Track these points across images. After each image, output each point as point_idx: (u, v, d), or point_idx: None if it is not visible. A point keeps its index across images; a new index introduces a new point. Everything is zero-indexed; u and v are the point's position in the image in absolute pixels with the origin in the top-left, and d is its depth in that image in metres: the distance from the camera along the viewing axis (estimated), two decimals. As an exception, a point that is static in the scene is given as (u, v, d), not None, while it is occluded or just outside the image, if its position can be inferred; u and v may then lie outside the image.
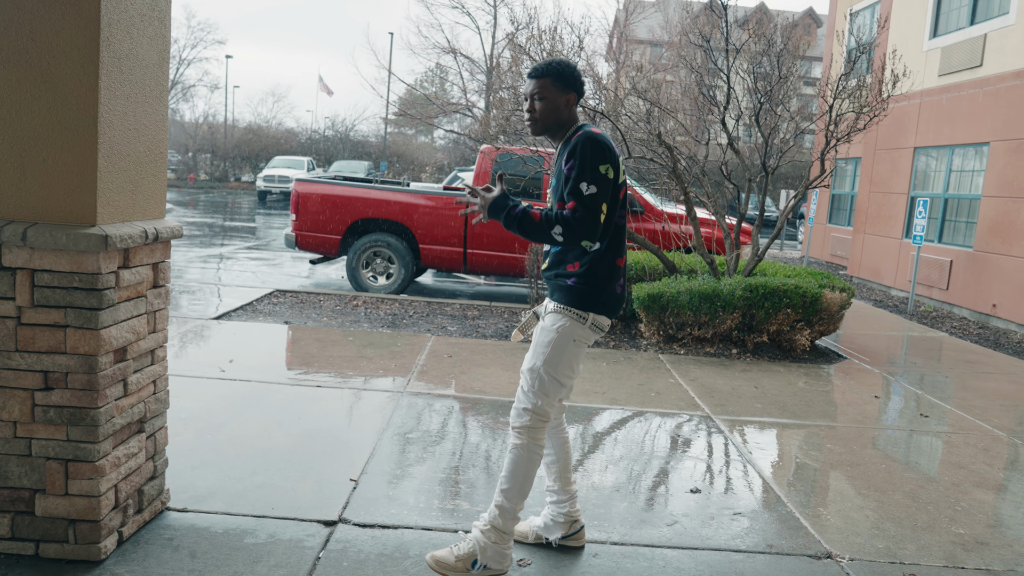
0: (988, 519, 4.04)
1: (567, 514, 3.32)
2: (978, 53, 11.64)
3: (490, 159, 9.72)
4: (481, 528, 3.03)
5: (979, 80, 11.62)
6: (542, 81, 3.03)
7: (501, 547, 3.02)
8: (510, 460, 3.04)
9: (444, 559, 3.02)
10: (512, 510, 3.02)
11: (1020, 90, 10.66)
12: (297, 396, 5.25)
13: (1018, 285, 10.37)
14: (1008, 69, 10.96)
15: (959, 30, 12.34)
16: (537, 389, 3.00)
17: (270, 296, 8.99)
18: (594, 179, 2.87)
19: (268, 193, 31.24)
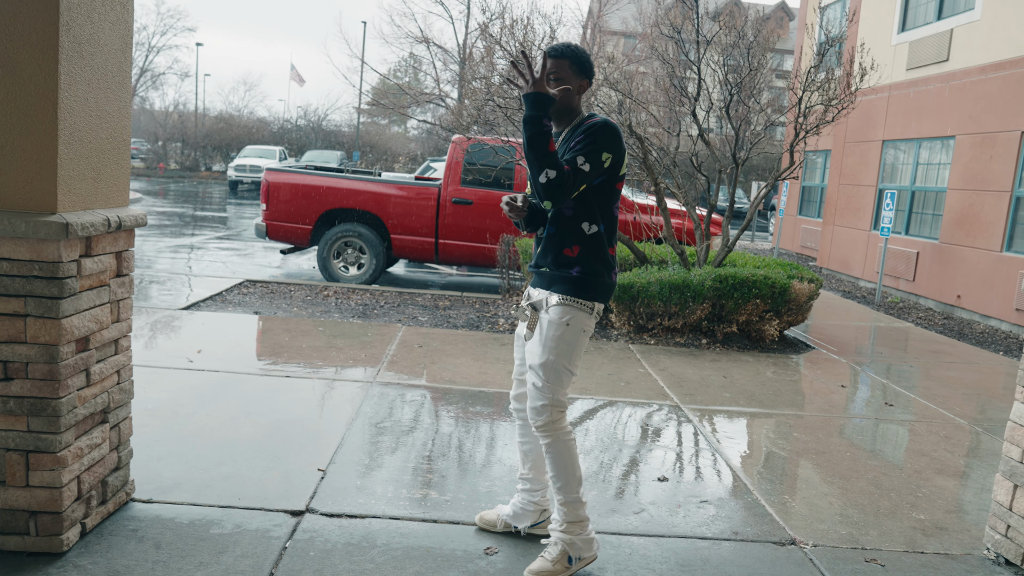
0: (948, 505, 4.11)
1: (537, 503, 3.34)
2: (945, 48, 11.79)
3: (462, 149, 9.70)
4: (560, 529, 3.05)
5: (946, 74, 11.77)
6: (560, 62, 3.00)
7: (585, 535, 3.06)
8: (551, 460, 3.04)
9: (541, 568, 3.02)
10: (576, 500, 3.05)
11: (985, 85, 10.82)
12: (266, 386, 5.22)
13: (981, 277, 10.55)
14: (974, 64, 11.11)
15: (926, 25, 12.49)
16: (553, 382, 3.00)
17: (240, 286, 8.91)
18: (591, 159, 2.88)
19: (239, 183, 30.95)
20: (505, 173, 9.70)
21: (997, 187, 10.38)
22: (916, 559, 3.48)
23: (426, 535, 3.30)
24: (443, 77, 32.93)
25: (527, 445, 3.33)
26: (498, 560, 3.14)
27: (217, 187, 33.48)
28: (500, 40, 7.77)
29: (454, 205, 9.70)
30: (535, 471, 3.33)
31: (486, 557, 3.15)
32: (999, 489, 3.57)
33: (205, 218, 18.91)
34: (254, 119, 47.95)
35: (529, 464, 3.33)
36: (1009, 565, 3.47)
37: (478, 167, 9.68)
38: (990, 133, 10.61)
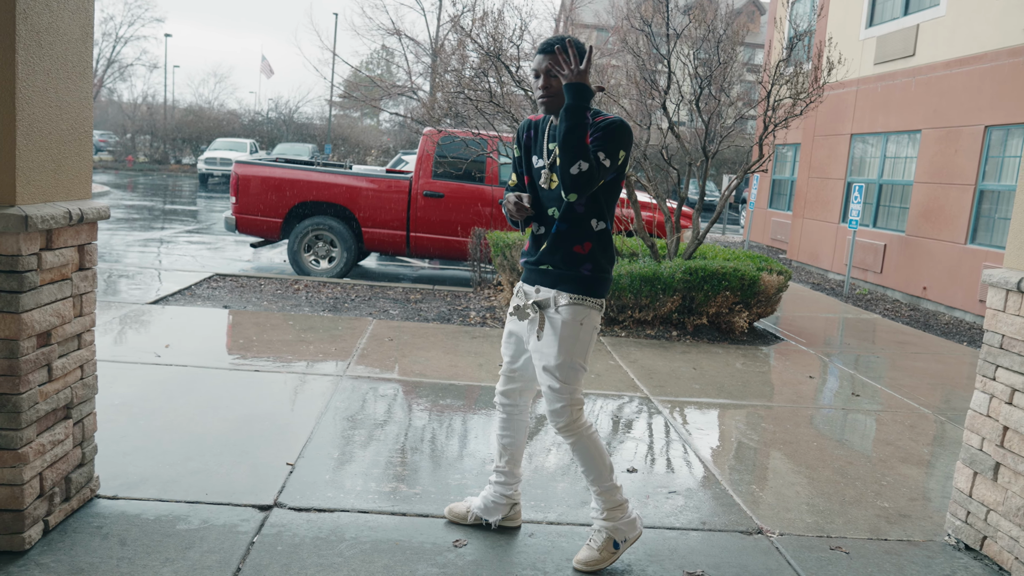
0: (911, 493, 4.18)
1: (510, 496, 3.34)
2: (911, 43, 11.94)
3: (433, 142, 9.67)
4: (602, 518, 3.09)
5: (912, 69, 11.92)
6: (557, 57, 2.91)
7: (627, 518, 3.10)
8: (579, 457, 3.06)
9: (589, 557, 3.06)
10: (612, 487, 3.09)
11: (950, 79, 10.96)
12: (235, 381, 5.18)
13: (946, 268, 10.71)
14: (939, 59, 11.26)
15: (893, 20, 12.63)
16: (570, 380, 2.99)
17: (209, 280, 8.83)
18: (611, 156, 2.86)
19: (210, 176, 30.63)
20: (476, 166, 9.68)
21: (961, 181, 10.54)
22: (880, 546, 3.53)
23: (395, 528, 3.30)
24: (415, 69, 32.79)
25: (507, 439, 3.32)
26: (467, 552, 3.14)
27: (187, 180, 33.11)
28: (471, 33, 7.75)
29: (425, 198, 9.67)
30: (511, 464, 3.33)
31: (455, 550, 3.16)
32: (960, 476, 3.63)
33: (175, 212, 18.70)
34: (224, 111, 47.44)
35: (507, 458, 3.33)
36: (968, 550, 3.54)
37: (449, 160, 9.66)
38: (955, 127, 10.76)
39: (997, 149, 10.06)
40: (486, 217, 9.63)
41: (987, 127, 10.16)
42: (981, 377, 3.54)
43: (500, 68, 7.50)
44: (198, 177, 31.74)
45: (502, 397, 3.30)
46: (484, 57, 7.62)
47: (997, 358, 3.45)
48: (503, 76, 7.61)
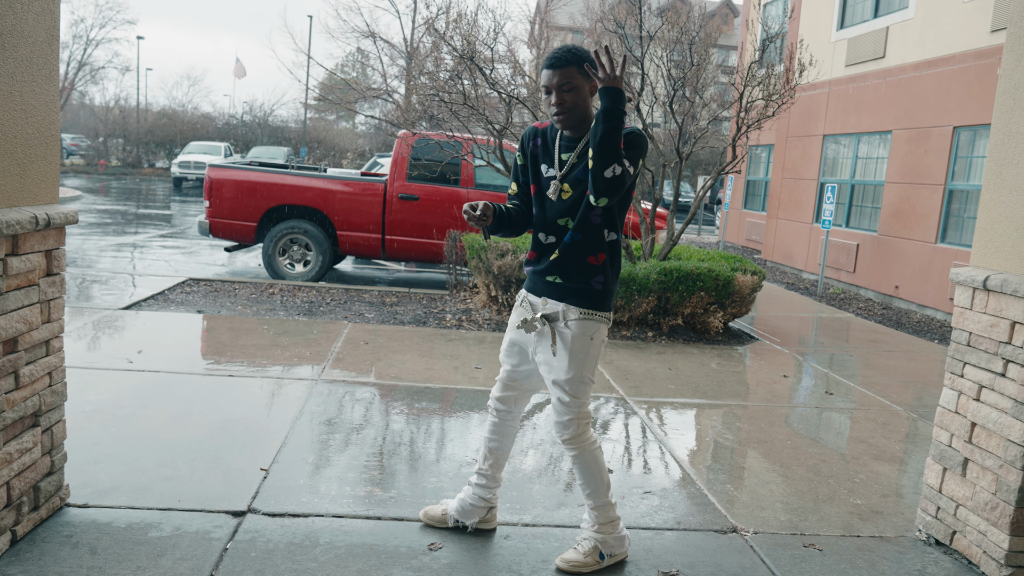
0: (883, 489, 4.23)
1: (488, 500, 3.35)
2: (881, 45, 12.08)
3: (408, 145, 9.65)
4: (592, 530, 3.12)
5: (882, 71, 12.06)
6: (567, 70, 2.86)
7: (616, 534, 3.14)
8: (579, 470, 3.08)
9: (573, 559, 3.09)
10: (607, 504, 3.12)
11: (919, 81, 11.11)
12: (208, 386, 5.14)
13: (918, 267, 10.84)
14: (908, 61, 11.40)
15: (864, 22, 12.77)
16: (579, 394, 3.00)
17: (183, 285, 8.75)
18: (633, 165, 2.86)
19: (184, 180, 30.35)
20: (451, 168, 9.67)
21: (931, 180, 10.67)
22: (852, 543, 3.57)
23: (370, 532, 3.28)
24: (390, 72, 32.69)
25: (495, 443, 3.31)
26: (442, 556, 3.14)
27: (161, 184, 32.78)
28: (445, 35, 7.74)
29: (400, 201, 9.65)
30: (494, 468, 3.33)
31: (430, 553, 3.15)
32: (930, 472, 3.67)
33: (148, 216, 18.52)
34: (198, 114, 47.08)
35: (491, 461, 3.32)
36: (939, 545, 3.58)
37: (424, 162, 9.64)
38: (924, 128, 10.90)
39: (965, 149, 10.20)
40: (461, 220, 9.62)
41: (955, 128, 10.30)
42: (950, 374, 3.59)
43: (474, 70, 7.50)
44: (172, 181, 31.44)
45: (497, 403, 3.29)
46: (458, 59, 7.61)
47: (965, 355, 3.50)
48: (477, 78, 7.61)
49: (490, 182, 9.80)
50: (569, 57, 2.87)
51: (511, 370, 3.23)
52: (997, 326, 3.31)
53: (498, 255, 7.75)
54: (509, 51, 10.47)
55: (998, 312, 3.31)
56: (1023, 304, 3.17)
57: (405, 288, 9.50)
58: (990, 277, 3.33)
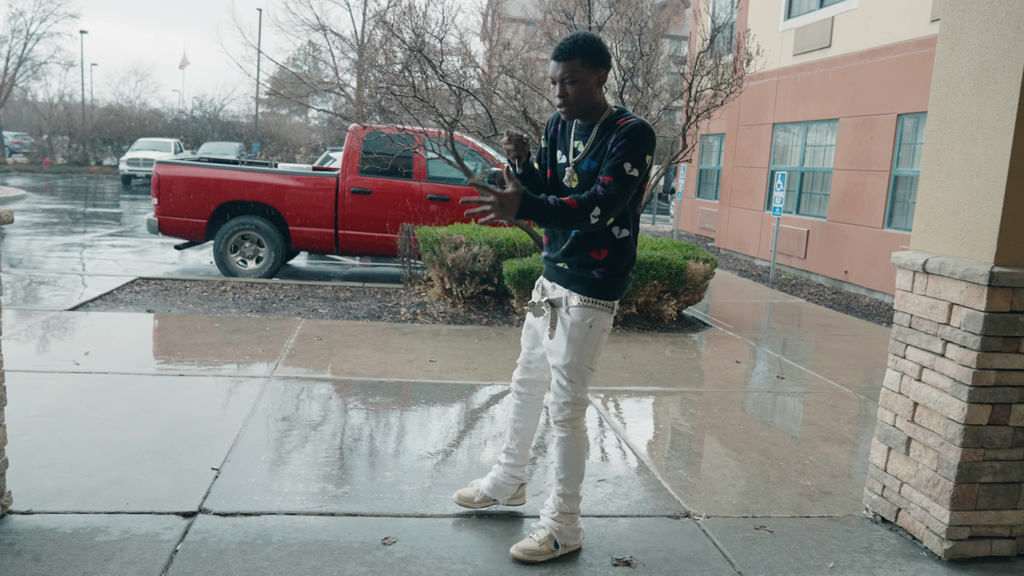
0: (832, 470, 4.31)
1: (519, 477, 3.46)
2: (827, 34, 12.27)
3: (359, 138, 9.58)
4: (551, 516, 3.15)
5: (829, 60, 12.25)
6: (571, 63, 2.88)
7: (573, 525, 3.17)
8: (561, 453, 3.11)
9: (528, 546, 3.11)
10: (574, 494, 3.15)
11: (864, 70, 11.31)
12: (158, 386, 5.06)
13: (866, 252, 11.06)
14: (853, 50, 11.60)
15: (810, 12, 12.97)
16: (577, 381, 3.04)
17: (132, 284, 8.59)
18: (638, 164, 2.85)
19: (133, 177, 29.78)
20: (404, 162, 9.62)
21: (878, 167, 10.89)
22: (802, 523, 3.64)
23: (323, 529, 3.26)
24: (341, 65, 32.37)
25: (520, 423, 3.41)
26: (396, 550, 3.13)
27: (109, 182, 32.10)
28: (393, 28, 7.68)
29: (353, 195, 9.57)
30: (521, 447, 3.43)
31: (384, 547, 3.14)
32: (875, 452, 3.76)
33: (97, 215, 18.12)
34: (147, 110, 46.15)
35: (518, 440, 3.43)
36: (885, 522, 3.67)
37: (375, 156, 9.58)
38: (870, 116, 11.10)
39: (909, 136, 10.43)
40: (415, 213, 9.59)
41: (899, 115, 10.52)
42: (893, 356, 3.67)
43: (423, 63, 7.46)
44: (120, 179, 30.82)
45: (518, 385, 3.39)
46: (408, 52, 7.57)
47: (907, 337, 3.58)
48: (427, 71, 7.57)
49: (444, 175, 9.77)
50: (573, 49, 2.88)
51: (527, 352, 3.33)
52: (936, 308, 3.40)
53: (452, 248, 7.73)
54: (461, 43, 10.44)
55: (937, 294, 3.39)
56: (960, 286, 3.26)
57: (359, 282, 9.44)
58: (929, 260, 3.42)
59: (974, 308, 3.18)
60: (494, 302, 8.14)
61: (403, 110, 8.10)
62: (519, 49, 17.23)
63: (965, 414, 3.21)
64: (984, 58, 3.24)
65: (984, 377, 3.19)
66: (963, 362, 3.22)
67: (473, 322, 7.50)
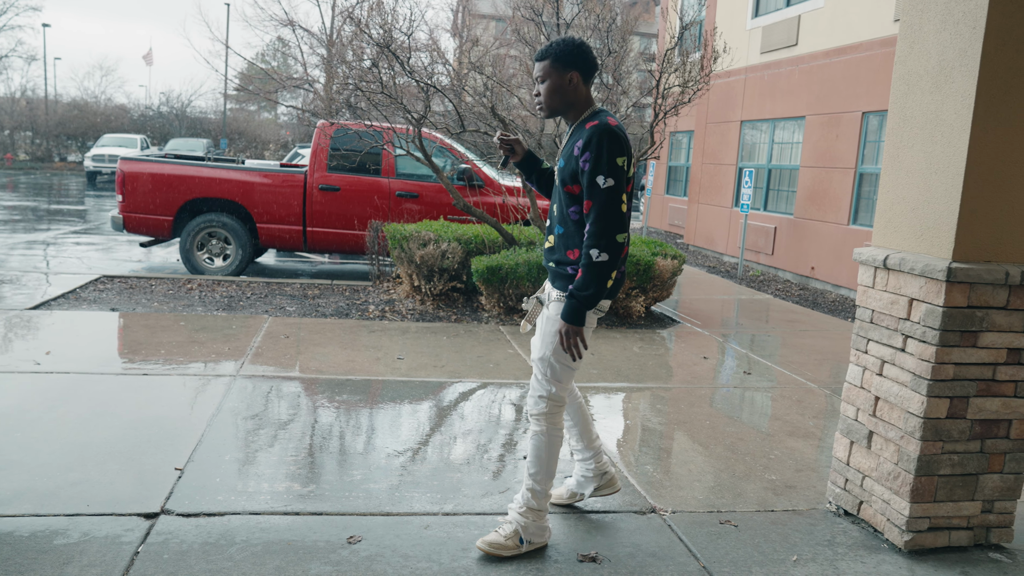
0: (797, 464, 4.36)
1: (595, 468, 3.52)
2: (794, 33, 12.39)
3: (327, 135, 9.51)
4: (518, 511, 3.16)
5: (795, 58, 12.37)
6: (543, 64, 3.02)
7: (539, 523, 3.17)
8: (533, 446, 3.14)
9: (494, 540, 3.13)
10: (542, 491, 3.16)
11: (829, 68, 11.43)
12: (121, 386, 4.98)
13: (832, 248, 11.19)
14: (819, 48, 11.72)
15: (777, 11, 13.08)
16: (550, 377, 3.08)
17: (96, 282, 8.46)
18: (611, 172, 2.86)
19: (98, 174, 29.34)
20: (372, 158, 9.57)
21: (843, 164, 11.02)
22: (767, 517, 3.67)
23: (288, 528, 3.24)
24: (310, 61, 32.11)
25: (567, 422, 3.49)
26: (361, 548, 3.12)
27: (74, 179, 31.61)
28: (360, 24, 7.63)
29: (321, 192, 9.51)
30: (584, 440, 3.51)
31: (349, 546, 3.13)
32: (838, 446, 3.81)
33: (61, 212, 17.83)
34: (112, 106, 45.41)
35: (576, 436, 3.52)
36: (847, 515, 3.72)
37: (343, 152, 9.52)
38: (835, 114, 11.23)
39: (874, 134, 10.56)
40: (384, 210, 9.54)
41: (864, 113, 10.65)
42: (855, 351, 3.72)
43: (391, 59, 7.42)
44: (86, 175, 30.31)
45: None
46: (375, 48, 7.52)
47: (868, 332, 3.63)
48: (395, 67, 7.54)
49: (413, 171, 9.73)
50: (546, 51, 3.03)
51: None
52: (897, 303, 3.44)
53: (420, 245, 7.71)
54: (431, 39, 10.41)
55: (897, 290, 3.44)
56: (920, 281, 3.30)
57: (328, 280, 9.38)
58: (889, 256, 3.46)
59: (933, 303, 3.23)
60: (463, 299, 8.13)
61: (372, 107, 8.05)
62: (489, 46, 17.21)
63: (924, 408, 3.25)
64: (942, 57, 3.29)
65: (942, 371, 3.24)
66: (922, 356, 3.27)
67: (442, 319, 7.49)
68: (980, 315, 3.24)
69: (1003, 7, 3.07)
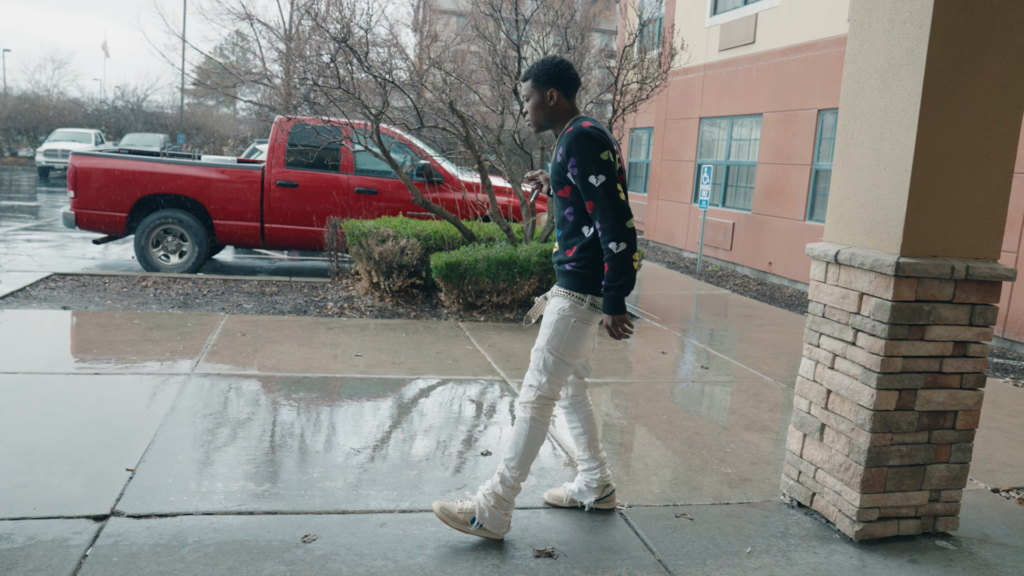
0: (753, 457, 4.41)
1: (599, 480, 3.53)
2: (751, 31, 12.52)
3: (284, 130, 9.41)
4: (484, 492, 3.19)
5: (753, 56, 12.51)
6: (526, 84, 3.24)
7: (499, 512, 3.18)
8: (515, 433, 3.20)
9: (448, 509, 3.19)
10: (513, 480, 3.18)
11: (786, 66, 11.58)
12: (72, 386, 4.88)
13: (789, 244, 11.34)
14: (776, 46, 11.87)
15: (735, 9, 13.21)
16: (543, 368, 3.17)
17: (47, 280, 8.28)
18: (599, 168, 3.02)
19: (51, 169, 28.67)
20: (331, 154, 9.49)
21: (800, 161, 11.17)
22: (722, 510, 3.71)
23: (242, 528, 3.20)
24: (269, 56, 31.71)
25: (576, 429, 3.52)
26: (316, 547, 3.09)
27: (26, 174, 30.88)
28: (317, 19, 7.56)
29: (279, 188, 9.40)
30: (590, 451, 3.52)
31: (304, 545, 3.10)
32: (792, 439, 3.86)
33: (11, 208, 17.42)
34: (65, 100, 44.41)
35: (583, 445, 3.53)
36: (801, 507, 3.77)
37: (301, 148, 9.43)
38: (792, 111, 11.38)
39: (829, 131, 10.72)
40: (343, 206, 9.47)
41: (820, 111, 10.80)
42: (807, 345, 3.77)
43: (349, 54, 7.36)
44: (37, 171, 29.62)
45: None
46: (333, 42, 7.45)
47: (820, 326, 3.68)
48: (352, 62, 7.47)
49: (372, 167, 9.66)
50: (528, 71, 3.26)
51: None
52: (848, 297, 3.50)
53: (379, 241, 7.66)
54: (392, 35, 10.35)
55: (848, 284, 3.49)
56: (870, 276, 3.36)
57: (286, 277, 9.28)
58: (840, 251, 3.51)
59: (882, 297, 3.29)
60: (422, 295, 8.09)
61: (331, 102, 7.98)
62: (450, 41, 17.15)
63: (874, 400, 3.31)
64: (890, 56, 3.34)
65: (891, 364, 3.30)
66: (872, 350, 3.33)
67: (401, 316, 7.45)
68: (927, 309, 3.30)
69: (947, 7, 3.13)
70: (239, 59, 41.38)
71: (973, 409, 3.47)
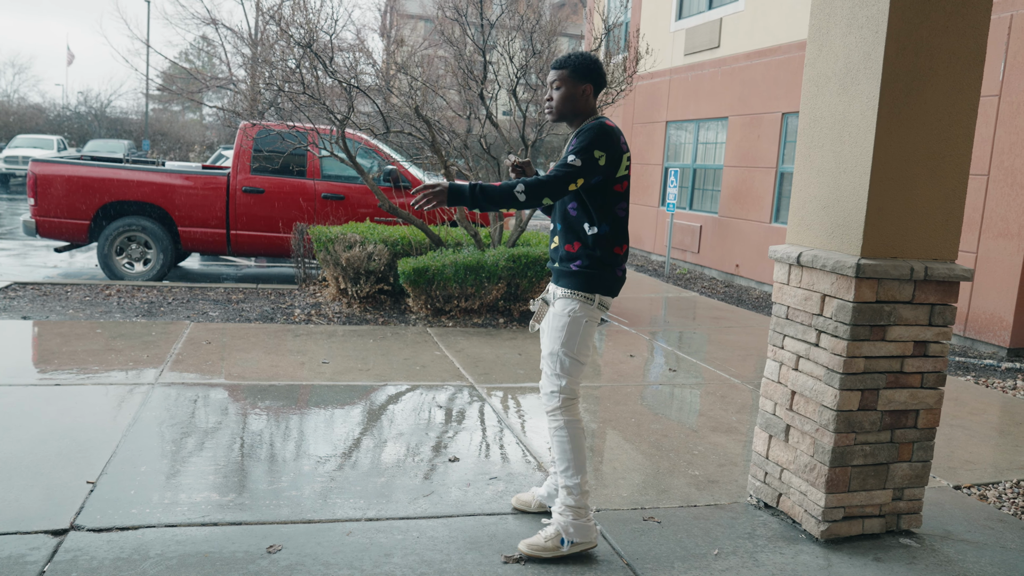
0: (720, 459, 4.44)
1: None
2: (716, 35, 12.64)
3: (249, 136, 9.33)
4: (558, 511, 3.18)
5: (718, 60, 12.62)
6: (561, 72, 3.20)
7: (581, 521, 3.16)
8: (557, 443, 3.19)
9: (535, 544, 3.16)
10: (578, 488, 3.17)
11: (750, 70, 11.70)
12: (31, 397, 4.79)
13: (755, 246, 11.45)
14: (740, 51, 11.99)
15: (700, 13, 13.32)
16: (560, 371, 3.17)
17: (7, 290, 8.13)
18: (583, 157, 3.02)
19: (11, 176, 28.15)
20: (297, 160, 9.42)
21: (765, 164, 11.28)
22: (689, 512, 3.73)
23: (205, 540, 3.15)
24: (235, 61, 31.42)
25: None
26: (282, 558, 3.05)
27: (-16, 182, 30.29)
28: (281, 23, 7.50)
29: (245, 194, 9.31)
30: None
31: (269, 556, 3.06)
32: (758, 440, 3.89)
33: (-32, 217, 17.10)
34: (26, 105, 43.67)
35: None
36: (767, 508, 3.80)
37: (267, 154, 9.35)
38: (757, 114, 11.50)
39: (794, 134, 10.84)
40: (309, 212, 9.40)
41: (784, 114, 10.93)
42: (772, 347, 3.80)
43: (313, 59, 7.31)
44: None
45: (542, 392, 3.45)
46: (298, 47, 7.40)
47: (784, 328, 3.71)
48: (317, 67, 7.42)
49: (339, 173, 9.61)
50: (566, 61, 3.22)
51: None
52: (810, 299, 3.53)
53: (346, 247, 7.61)
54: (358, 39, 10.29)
55: (811, 286, 3.53)
56: (831, 278, 3.40)
57: (253, 284, 9.19)
58: (803, 253, 3.55)
59: (844, 299, 3.33)
60: (390, 301, 8.06)
61: (296, 108, 7.92)
62: (417, 46, 17.12)
63: (837, 400, 3.35)
64: (848, 60, 3.38)
65: (854, 365, 3.33)
66: (835, 351, 3.36)
67: (369, 322, 7.41)
68: (888, 309, 3.34)
69: (902, 12, 3.18)
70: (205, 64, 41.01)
71: (934, 408, 3.52)
